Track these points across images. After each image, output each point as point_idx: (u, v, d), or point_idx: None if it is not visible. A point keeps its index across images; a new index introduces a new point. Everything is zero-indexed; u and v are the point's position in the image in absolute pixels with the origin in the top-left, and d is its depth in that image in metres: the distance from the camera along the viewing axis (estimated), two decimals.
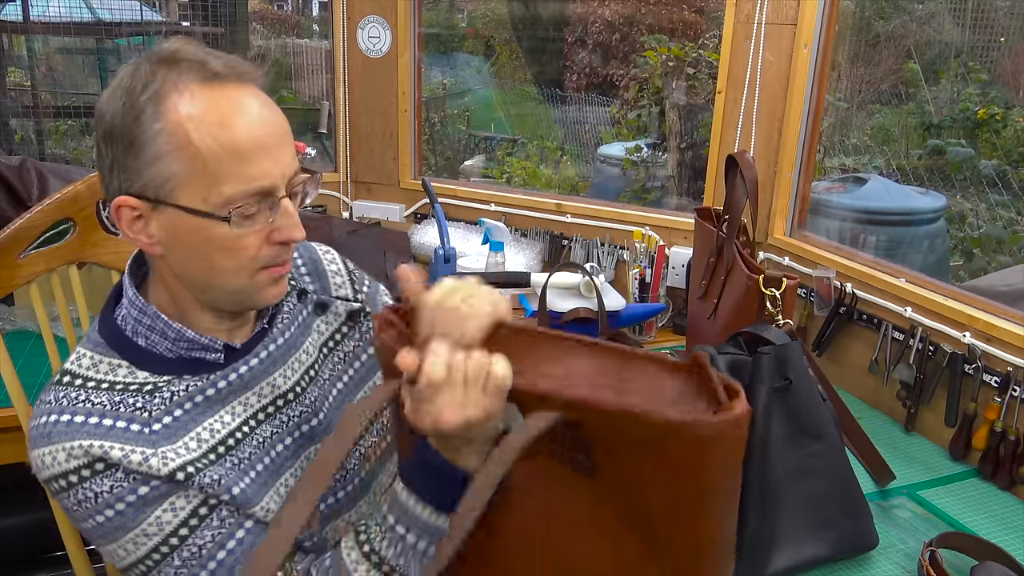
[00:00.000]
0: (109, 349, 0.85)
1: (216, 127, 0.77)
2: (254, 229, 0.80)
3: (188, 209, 0.78)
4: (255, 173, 0.78)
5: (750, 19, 1.72)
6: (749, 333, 1.07)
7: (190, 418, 0.85)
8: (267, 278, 0.84)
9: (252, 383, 0.90)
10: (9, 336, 1.72)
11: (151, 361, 0.85)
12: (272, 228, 0.81)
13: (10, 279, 1.19)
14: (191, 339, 0.85)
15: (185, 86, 0.77)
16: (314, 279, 1.03)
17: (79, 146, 3.70)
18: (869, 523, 1.07)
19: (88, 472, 0.79)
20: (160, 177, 0.77)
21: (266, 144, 0.79)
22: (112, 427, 0.80)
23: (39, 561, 1.91)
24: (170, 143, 0.76)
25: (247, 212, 0.79)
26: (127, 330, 0.86)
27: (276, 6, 9.67)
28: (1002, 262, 3.55)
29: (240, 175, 0.77)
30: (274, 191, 0.80)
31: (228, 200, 0.78)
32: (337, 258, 1.08)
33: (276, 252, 0.83)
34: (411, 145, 2.25)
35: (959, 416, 1.36)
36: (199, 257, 0.81)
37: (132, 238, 0.82)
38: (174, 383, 0.85)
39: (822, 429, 1.03)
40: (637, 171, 4.25)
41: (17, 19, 2.56)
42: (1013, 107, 4.58)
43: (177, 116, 0.76)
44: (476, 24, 8.64)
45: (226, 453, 0.86)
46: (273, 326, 0.94)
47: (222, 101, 0.78)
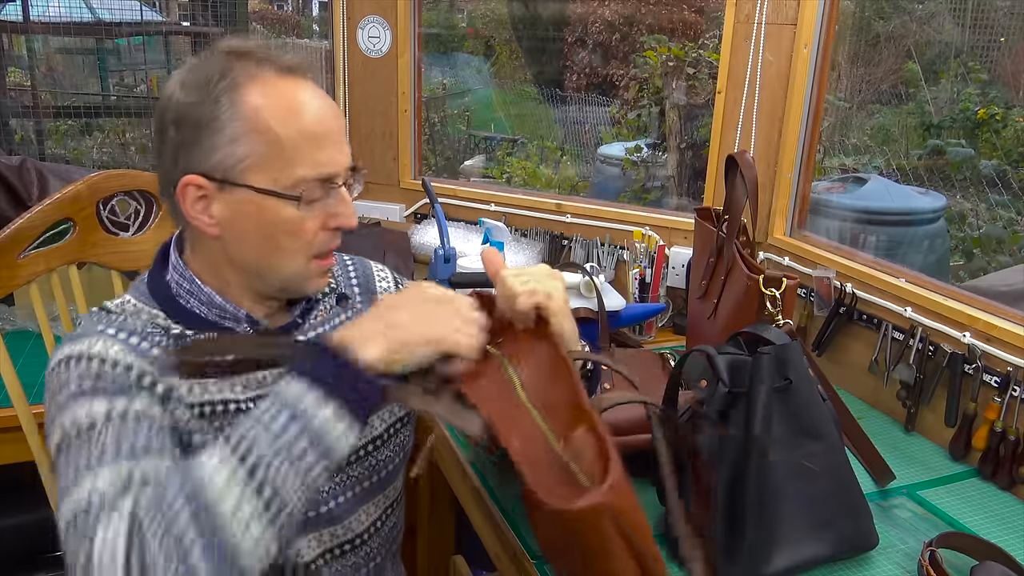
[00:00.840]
0: (152, 300, 0.91)
1: (292, 114, 0.83)
2: (314, 214, 0.86)
3: (259, 189, 0.83)
4: (324, 159, 0.85)
5: (750, 19, 1.72)
6: (749, 333, 1.07)
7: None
8: (317, 268, 0.90)
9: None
10: (9, 336, 1.72)
11: (188, 318, 0.90)
12: (330, 214, 0.87)
13: (10, 279, 1.19)
14: (219, 304, 0.90)
15: (261, 76, 0.84)
16: (363, 292, 1.07)
17: (79, 146, 3.70)
18: (869, 523, 1.07)
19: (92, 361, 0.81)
20: (233, 158, 0.83)
21: (333, 133, 0.86)
22: (137, 346, 0.85)
23: (39, 561, 1.91)
24: (247, 126, 0.82)
25: (312, 196, 0.85)
26: (172, 289, 0.91)
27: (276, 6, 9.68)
28: (1002, 262, 3.55)
29: (311, 160, 0.84)
30: (337, 178, 0.87)
31: (298, 182, 0.83)
32: (390, 278, 1.12)
33: (329, 239, 0.89)
34: (411, 145, 2.25)
35: (959, 416, 1.36)
36: (259, 238, 0.86)
37: (193, 217, 0.86)
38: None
39: (822, 429, 1.03)
40: (637, 171, 4.25)
41: (17, 19, 2.55)
42: (1013, 107, 4.58)
43: (256, 102, 0.82)
44: (476, 24, 8.64)
45: (222, 414, 0.88)
46: (306, 320, 0.98)
47: (294, 91, 0.85)
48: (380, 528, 1.06)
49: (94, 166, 3.08)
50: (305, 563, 0.96)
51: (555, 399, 0.83)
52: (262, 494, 0.69)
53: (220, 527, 0.67)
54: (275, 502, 0.69)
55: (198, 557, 0.66)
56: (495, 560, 1.18)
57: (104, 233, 1.27)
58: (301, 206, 0.84)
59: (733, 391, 1.00)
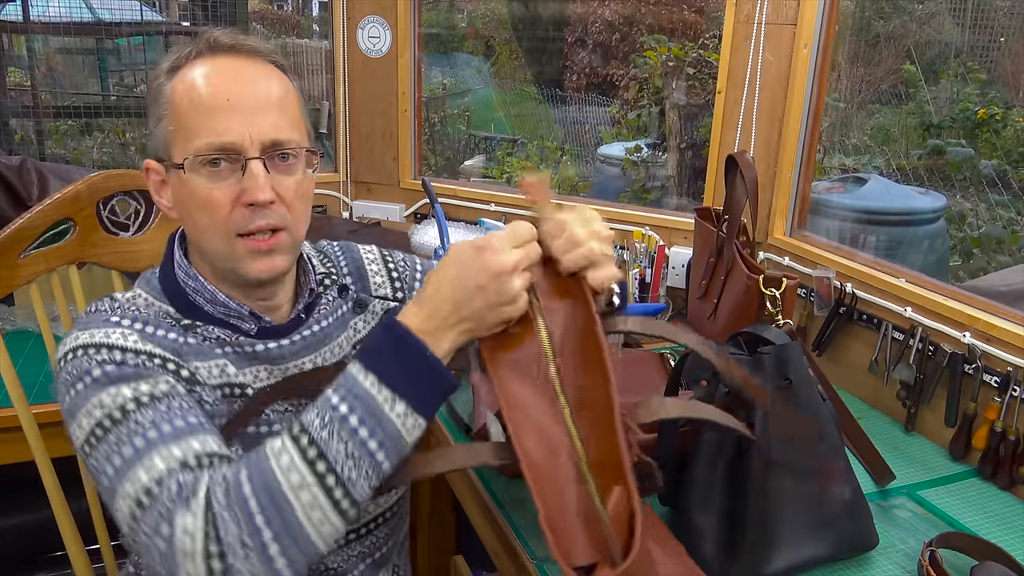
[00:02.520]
0: (163, 295, 0.92)
1: (195, 87, 0.84)
2: (219, 185, 0.84)
3: (174, 164, 0.85)
4: (218, 128, 0.83)
5: (750, 19, 1.72)
6: (749, 333, 1.07)
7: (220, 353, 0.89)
8: (245, 249, 0.87)
9: (280, 360, 0.93)
10: (9, 336, 1.72)
11: (196, 313, 0.91)
12: (242, 188, 0.85)
13: (10, 279, 1.19)
14: (223, 302, 0.91)
15: (193, 56, 0.86)
16: (356, 279, 1.07)
17: (79, 146, 3.70)
18: (869, 523, 1.07)
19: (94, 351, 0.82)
20: (160, 138, 0.87)
21: (237, 104, 0.84)
22: (153, 335, 0.87)
23: (39, 561, 1.91)
24: (167, 106, 0.85)
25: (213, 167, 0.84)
26: (180, 284, 0.92)
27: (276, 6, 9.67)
28: (1002, 262, 3.55)
29: (204, 128, 0.83)
30: (240, 150, 0.84)
31: (195, 152, 0.83)
32: (378, 256, 1.11)
33: (247, 217, 0.85)
34: (411, 145, 2.25)
35: (959, 416, 1.36)
36: (187, 215, 0.88)
37: (158, 201, 0.91)
38: (211, 330, 0.90)
39: (822, 429, 1.03)
40: (637, 171, 4.25)
41: (17, 19, 2.55)
42: (1013, 107, 4.58)
43: (181, 82, 0.85)
44: (476, 24, 8.63)
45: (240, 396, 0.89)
46: (310, 316, 0.98)
47: (211, 66, 0.85)
48: (389, 519, 1.06)
49: (94, 166, 3.08)
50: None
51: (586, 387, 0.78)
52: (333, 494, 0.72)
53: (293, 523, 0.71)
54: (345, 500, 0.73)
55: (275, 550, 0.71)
56: (495, 560, 1.18)
57: (104, 233, 1.27)
58: (190, 170, 0.83)
59: (733, 391, 1.00)
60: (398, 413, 0.74)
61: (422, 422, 0.76)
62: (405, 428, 0.75)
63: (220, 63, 0.86)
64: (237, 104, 0.84)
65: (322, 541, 0.73)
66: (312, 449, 0.72)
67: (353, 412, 0.73)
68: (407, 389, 0.74)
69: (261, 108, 0.85)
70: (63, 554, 1.20)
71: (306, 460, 0.72)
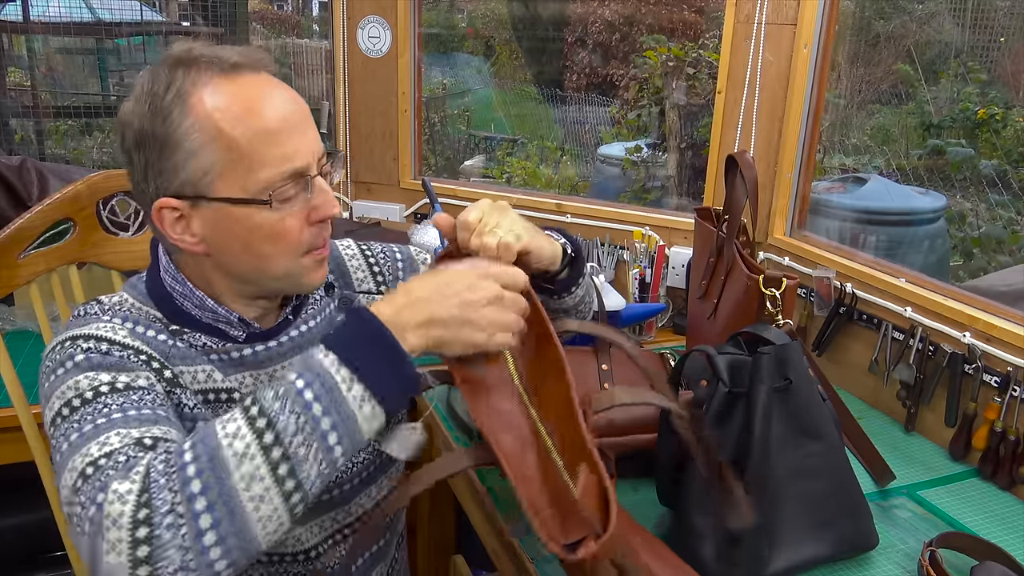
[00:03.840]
0: (150, 300, 0.90)
1: (245, 114, 0.79)
2: (294, 211, 0.82)
3: (229, 199, 0.80)
4: (288, 153, 0.80)
5: (750, 19, 1.72)
6: (749, 333, 1.07)
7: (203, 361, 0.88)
8: (311, 261, 0.87)
9: (267, 363, 0.93)
10: (9, 336, 1.72)
11: (183, 319, 0.89)
12: (310, 207, 0.84)
13: (10, 279, 1.19)
14: (211, 308, 0.89)
15: (207, 80, 0.79)
16: (338, 276, 1.06)
17: (79, 146, 3.70)
18: (869, 523, 1.07)
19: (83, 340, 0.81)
20: (197, 172, 0.80)
21: (294, 124, 0.81)
22: (143, 334, 0.86)
23: (39, 561, 1.91)
24: (203, 136, 0.78)
25: (285, 195, 0.81)
26: (167, 289, 0.90)
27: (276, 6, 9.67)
28: (1002, 262, 3.55)
29: (274, 157, 0.80)
30: (307, 170, 0.82)
31: (267, 184, 0.80)
32: (356, 250, 1.10)
33: (317, 232, 0.86)
34: (411, 145, 2.25)
35: (959, 416, 1.35)
36: (244, 248, 0.83)
37: (176, 239, 0.84)
38: (198, 337, 0.89)
39: (822, 429, 1.03)
40: (637, 171, 4.24)
41: (17, 19, 2.56)
42: (1013, 107, 4.58)
43: (205, 109, 0.78)
44: (476, 24, 8.63)
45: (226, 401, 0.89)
46: (298, 316, 0.97)
47: (245, 89, 0.80)
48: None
49: (94, 166, 3.08)
50: (306, 549, 0.96)
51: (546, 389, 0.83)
52: (278, 469, 0.67)
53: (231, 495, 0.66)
54: (290, 479, 0.68)
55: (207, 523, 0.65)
56: (495, 560, 1.18)
57: (104, 233, 1.27)
58: (274, 208, 0.81)
59: (733, 391, 1.00)
60: (355, 395, 0.70)
61: (380, 412, 0.72)
62: (362, 414, 0.71)
63: (246, 82, 0.81)
64: (292, 124, 0.81)
65: (261, 527, 0.67)
66: (262, 419, 0.68)
67: (309, 387, 0.69)
68: (367, 373, 0.71)
69: (308, 124, 0.84)
70: (63, 554, 1.20)
71: (254, 429, 0.67)
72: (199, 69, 0.80)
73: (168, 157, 0.80)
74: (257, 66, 0.83)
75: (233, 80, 0.80)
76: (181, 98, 0.79)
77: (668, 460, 1.08)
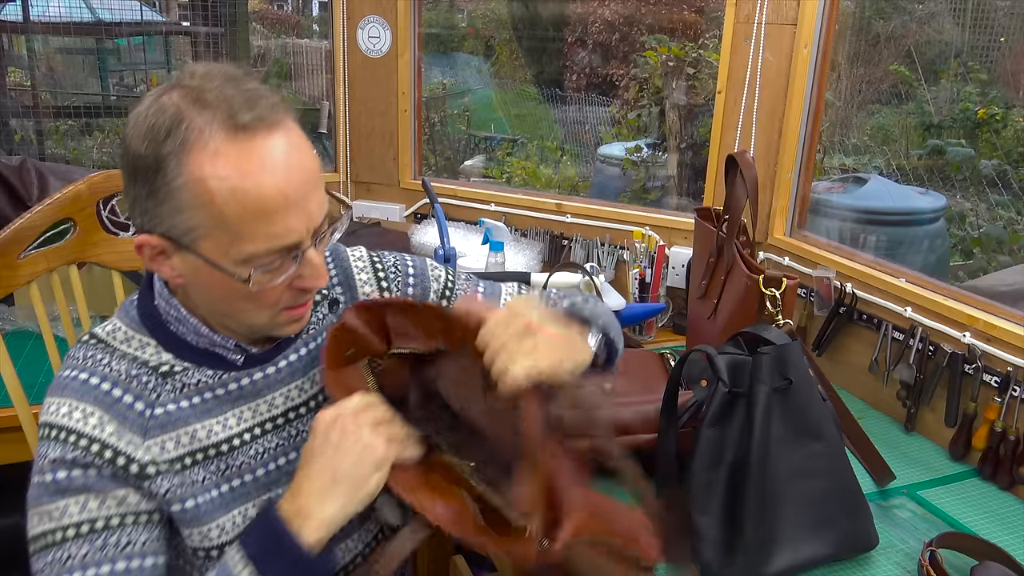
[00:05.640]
0: (143, 327, 0.87)
1: (239, 186, 0.74)
2: (276, 279, 0.79)
3: (210, 261, 0.77)
4: (279, 231, 0.76)
5: (750, 19, 1.72)
6: (749, 333, 1.07)
7: (193, 413, 0.86)
8: (288, 318, 0.85)
9: (265, 391, 0.90)
10: (9, 336, 1.72)
11: (178, 346, 0.87)
12: (295, 276, 0.81)
13: (10, 279, 1.19)
14: (206, 335, 0.86)
15: (210, 137, 0.74)
16: (345, 288, 1.00)
17: (79, 146, 3.70)
18: (869, 523, 1.07)
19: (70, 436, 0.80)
20: (183, 227, 0.76)
21: (292, 200, 0.76)
22: (119, 400, 0.83)
23: None
24: (193, 199, 0.74)
25: (270, 266, 0.78)
26: (161, 314, 0.87)
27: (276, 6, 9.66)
28: (1002, 262, 3.55)
29: (264, 234, 0.76)
30: (299, 246, 0.79)
31: (250, 257, 0.77)
32: (367, 260, 1.04)
33: (297, 296, 0.84)
34: (411, 145, 2.25)
35: (959, 416, 1.36)
36: (221, 300, 0.82)
37: (156, 269, 0.82)
38: (190, 373, 0.86)
39: (822, 429, 1.03)
40: (637, 171, 4.24)
41: (17, 19, 2.56)
42: (1013, 107, 4.58)
43: (200, 173, 0.73)
44: (476, 24, 8.63)
45: (215, 457, 0.86)
46: (299, 336, 0.93)
47: (247, 156, 0.74)
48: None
49: (94, 166, 3.08)
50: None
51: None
52: None
53: None
54: None
55: None
56: (495, 560, 1.18)
57: (104, 233, 1.27)
58: (254, 284, 0.78)
59: (733, 391, 1.00)
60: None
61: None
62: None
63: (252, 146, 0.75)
64: (291, 199, 0.76)
65: None
66: None
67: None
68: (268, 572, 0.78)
69: (309, 190, 0.78)
70: None
71: None
72: (205, 119, 0.74)
73: (156, 204, 0.76)
74: (272, 122, 0.76)
75: (239, 144, 0.74)
76: (179, 151, 0.74)
77: (668, 460, 1.08)
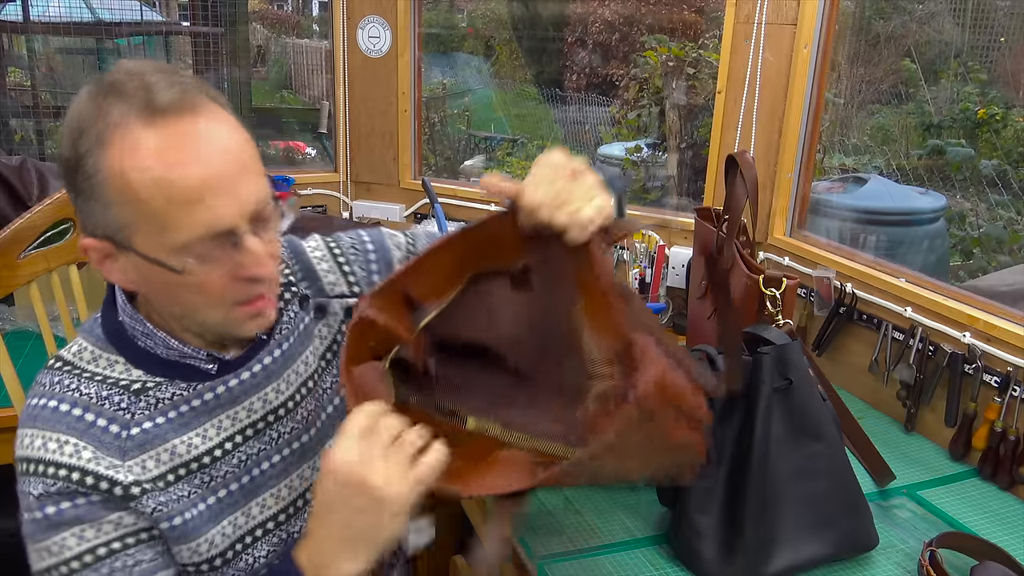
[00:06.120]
0: (109, 345, 0.83)
1: (162, 176, 0.71)
2: (214, 268, 0.75)
3: (146, 256, 0.74)
4: (206, 218, 0.73)
5: (750, 19, 1.72)
6: (749, 333, 1.07)
7: (171, 428, 0.83)
8: (244, 314, 0.80)
9: (242, 397, 0.87)
10: (9, 336, 1.72)
11: (148, 361, 0.83)
12: (237, 264, 0.76)
13: (10, 279, 1.19)
14: (176, 348, 0.83)
15: (127, 129, 0.71)
16: (310, 282, 0.97)
17: None
18: (869, 523, 1.07)
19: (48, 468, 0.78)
20: (114, 225, 0.74)
21: (218, 185, 0.73)
22: (93, 424, 0.80)
23: None
24: (117, 194, 0.72)
25: (207, 254, 0.74)
26: (127, 330, 0.84)
27: (276, 6, 9.67)
28: (1002, 262, 3.55)
29: (191, 222, 0.72)
30: (233, 230, 0.75)
31: (183, 246, 0.73)
32: (325, 250, 1.00)
33: (245, 288, 0.78)
34: (411, 145, 2.25)
35: (959, 416, 1.36)
36: (172, 299, 0.79)
37: (108, 276, 0.79)
38: (164, 388, 0.83)
39: (822, 429, 1.03)
40: (637, 171, 4.25)
41: (17, 19, 2.56)
42: (1013, 107, 4.58)
43: (120, 166, 0.71)
44: (476, 24, 8.64)
45: (198, 470, 0.84)
46: (271, 337, 0.90)
47: (167, 142, 0.71)
48: None
49: None
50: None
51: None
52: None
53: None
54: None
55: None
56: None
57: None
58: (188, 273, 0.74)
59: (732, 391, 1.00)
60: None
61: None
62: None
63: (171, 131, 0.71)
64: (218, 183, 0.73)
65: None
66: None
67: None
68: None
69: (238, 174, 0.74)
70: None
71: None
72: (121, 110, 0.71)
73: (84, 202, 0.74)
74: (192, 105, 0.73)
75: (156, 128, 0.71)
76: (96, 147, 0.71)
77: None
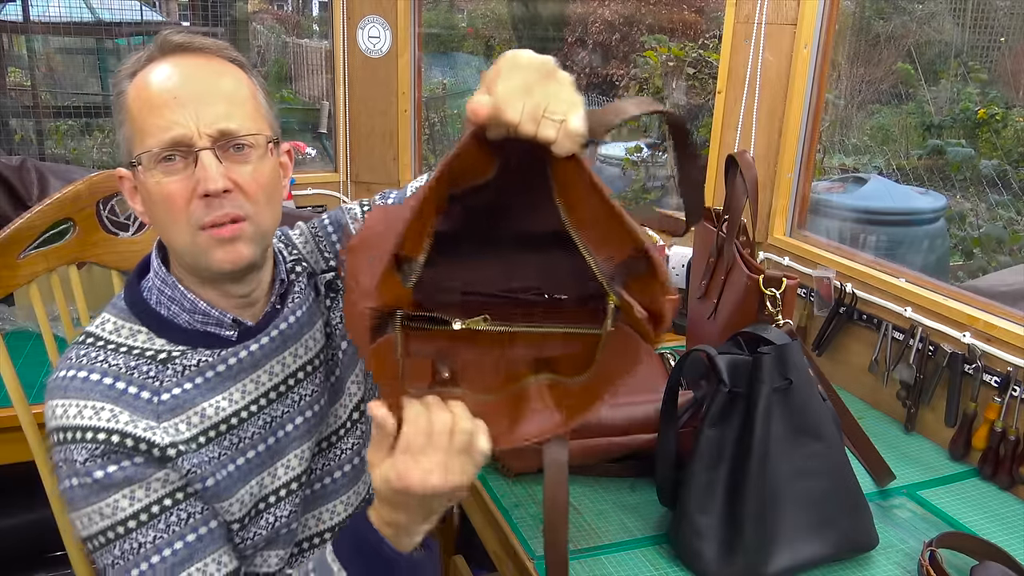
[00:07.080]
0: (132, 315, 0.89)
1: (143, 88, 0.84)
2: (173, 179, 0.83)
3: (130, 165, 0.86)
4: (164, 124, 0.82)
5: (750, 19, 1.72)
6: (749, 333, 1.07)
7: (199, 393, 0.88)
8: (208, 240, 0.84)
9: (263, 361, 0.93)
10: (9, 336, 1.72)
11: (170, 330, 0.89)
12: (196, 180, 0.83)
13: (10, 279, 1.19)
14: (203, 310, 0.89)
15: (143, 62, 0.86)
16: (308, 265, 1.05)
17: (79, 146, 3.70)
18: (869, 523, 1.07)
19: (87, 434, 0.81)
20: (123, 144, 0.87)
21: (183, 99, 0.83)
22: (124, 391, 0.84)
23: (39, 561, 1.91)
24: (123, 113, 0.86)
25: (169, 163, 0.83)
26: (151, 300, 0.90)
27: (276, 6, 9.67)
28: (1002, 262, 3.55)
29: (153, 126, 0.83)
30: (189, 143, 0.83)
31: (147, 150, 0.83)
32: (306, 232, 1.08)
33: (204, 208, 0.83)
34: (411, 145, 2.25)
35: (959, 416, 1.36)
36: (152, 216, 0.87)
37: (133, 208, 0.90)
38: (188, 356, 0.88)
39: (822, 429, 1.03)
40: (637, 171, 4.25)
41: (17, 19, 2.56)
42: (1013, 107, 4.58)
43: (133, 88, 0.85)
44: (476, 24, 8.64)
45: (227, 432, 0.89)
46: (284, 306, 0.97)
47: (166, 68, 0.85)
48: None
49: (94, 166, 3.08)
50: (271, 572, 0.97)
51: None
52: None
53: None
54: None
55: None
56: (495, 560, 1.18)
57: (104, 233, 1.27)
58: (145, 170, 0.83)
59: (733, 391, 1.00)
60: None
61: None
62: None
63: (171, 63, 0.86)
64: (184, 99, 0.84)
65: None
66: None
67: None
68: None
69: (208, 100, 0.84)
70: (63, 554, 1.20)
71: None
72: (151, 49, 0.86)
73: (118, 130, 0.88)
74: (202, 51, 0.87)
75: (166, 60, 0.85)
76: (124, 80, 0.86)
77: (668, 460, 1.08)
